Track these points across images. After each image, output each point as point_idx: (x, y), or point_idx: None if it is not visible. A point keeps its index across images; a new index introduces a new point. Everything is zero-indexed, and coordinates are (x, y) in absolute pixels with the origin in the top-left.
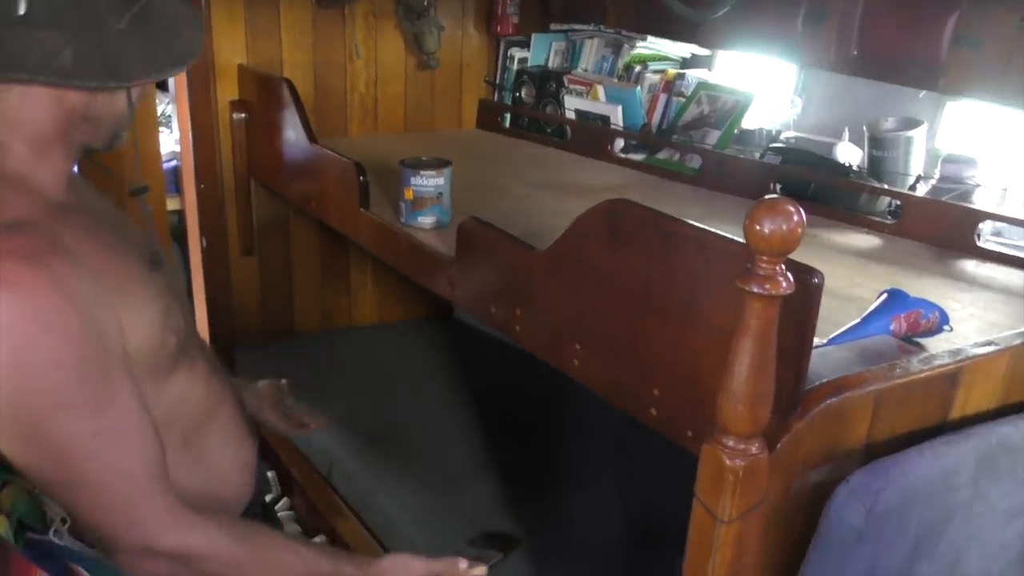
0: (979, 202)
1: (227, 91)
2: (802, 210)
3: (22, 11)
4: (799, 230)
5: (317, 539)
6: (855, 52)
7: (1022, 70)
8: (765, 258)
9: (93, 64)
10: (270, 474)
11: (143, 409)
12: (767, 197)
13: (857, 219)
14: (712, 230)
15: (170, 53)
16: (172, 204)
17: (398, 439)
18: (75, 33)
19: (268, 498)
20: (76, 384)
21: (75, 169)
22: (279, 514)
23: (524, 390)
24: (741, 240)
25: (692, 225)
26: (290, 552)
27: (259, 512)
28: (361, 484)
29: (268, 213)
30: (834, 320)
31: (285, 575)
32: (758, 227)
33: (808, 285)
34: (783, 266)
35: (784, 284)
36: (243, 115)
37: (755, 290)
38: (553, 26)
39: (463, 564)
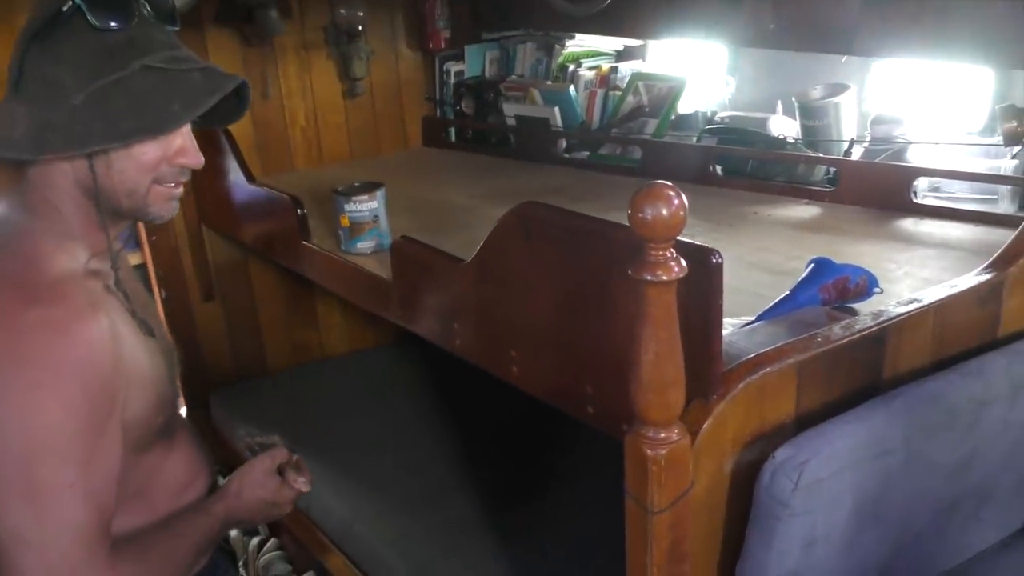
0: (913, 159)
1: None
2: (682, 193)
3: (18, 89)
4: (681, 213)
5: (306, 575)
6: (771, 26)
7: (932, 22)
8: (652, 244)
9: (28, 138)
10: None
11: (115, 472)
12: (647, 183)
13: (796, 191)
14: (611, 222)
15: (112, 129)
16: (133, 259)
17: (373, 466)
18: (36, 108)
19: (256, 540)
20: (75, 434)
21: (122, 244)
22: (268, 554)
23: (497, 407)
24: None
25: (595, 219)
26: (184, 535)
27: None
28: (339, 516)
29: (225, 257)
30: (770, 296)
31: (191, 558)
32: (640, 215)
33: (708, 265)
34: (673, 251)
35: (676, 269)
36: None
37: (648, 277)
38: (484, 35)
39: (283, 449)
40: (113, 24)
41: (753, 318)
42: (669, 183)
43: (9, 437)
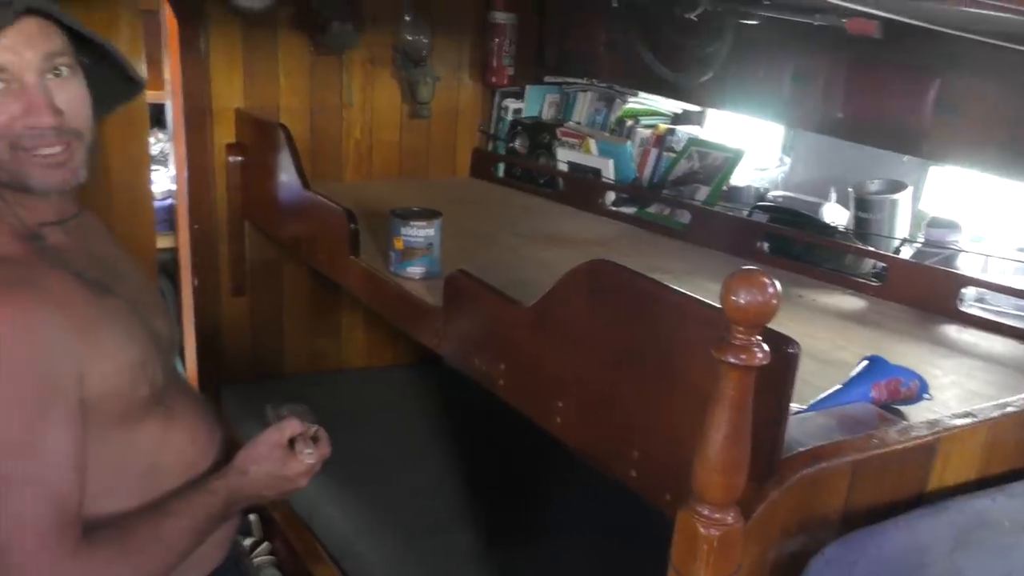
0: (963, 267)
1: (224, 134)
2: (777, 282)
3: None
4: (774, 301)
5: None
6: (840, 115)
7: (1002, 138)
8: (741, 329)
9: None
10: (252, 517)
11: (71, 456)
12: (743, 268)
13: (842, 280)
14: (690, 294)
15: None
16: (165, 242)
17: (380, 485)
18: None
19: (249, 541)
20: (6, 423)
21: (75, 211)
22: (258, 559)
23: (510, 439)
24: (718, 305)
25: (670, 288)
26: (178, 514)
27: (232, 569)
28: (341, 531)
29: (261, 254)
30: (816, 384)
31: (188, 540)
32: (734, 298)
33: (785, 355)
34: (759, 336)
35: (760, 355)
36: (239, 158)
37: (731, 360)
38: (547, 78)
39: (295, 420)
40: None
41: (804, 407)
42: (764, 271)
43: None
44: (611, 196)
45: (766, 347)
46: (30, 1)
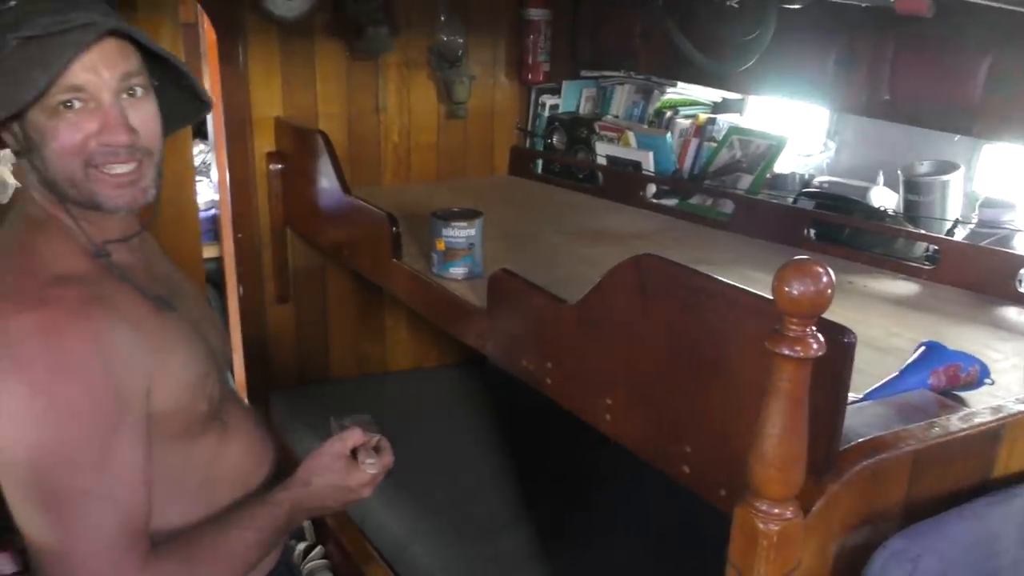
0: (1019, 247)
1: (264, 142)
2: (831, 271)
3: None
4: (829, 291)
5: None
6: (887, 96)
7: None
8: (795, 320)
9: None
10: (305, 522)
11: (141, 471)
12: (796, 258)
13: (893, 264)
14: (740, 287)
15: (15, 93)
16: (210, 252)
17: (431, 486)
18: None
19: (303, 545)
20: (83, 438)
21: (138, 229)
22: (312, 562)
23: (559, 438)
24: (770, 297)
25: (720, 281)
26: (245, 527)
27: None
28: (393, 534)
29: (304, 261)
30: (871, 372)
31: (252, 552)
32: (787, 288)
33: (841, 345)
34: (814, 327)
35: (815, 346)
36: (279, 166)
37: (785, 352)
38: (584, 73)
39: (357, 431)
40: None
41: (860, 396)
42: (818, 260)
43: (18, 448)
44: (652, 189)
45: (821, 338)
46: (112, 23)
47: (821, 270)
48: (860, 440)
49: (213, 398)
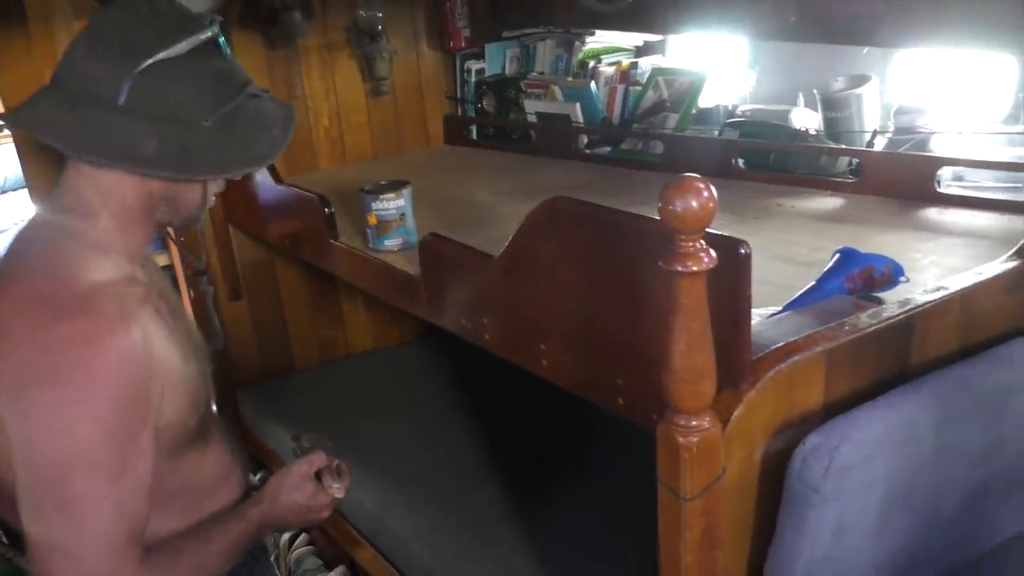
0: (936, 149)
1: None
2: (712, 186)
3: (121, 101)
4: (710, 204)
5: (337, 569)
6: (793, 18)
7: (956, 11)
8: (683, 236)
9: (168, 157)
10: None
11: (147, 479)
12: (676, 176)
13: (820, 182)
14: (642, 215)
15: (248, 153)
16: (162, 260)
17: (402, 460)
18: (162, 127)
19: (287, 535)
20: (107, 448)
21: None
22: (299, 549)
23: (522, 399)
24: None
25: (624, 212)
26: (216, 540)
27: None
28: (370, 509)
29: (251, 256)
30: (797, 287)
31: (226, 560)
32: (671, 207)
33: (736, 256)
34: (703, 241)
35: (706, 259)
36: None
37: (678, 268)
38: (505, 34)
39: (321, 454)
40: (229, 53)
41: (780, 308)
42: (698, 176)
43: (42, 451)
44: (584, 139)
45: (712, 252)
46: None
47: (701, 185)
48: (774, 347)
49: (202, 414)
